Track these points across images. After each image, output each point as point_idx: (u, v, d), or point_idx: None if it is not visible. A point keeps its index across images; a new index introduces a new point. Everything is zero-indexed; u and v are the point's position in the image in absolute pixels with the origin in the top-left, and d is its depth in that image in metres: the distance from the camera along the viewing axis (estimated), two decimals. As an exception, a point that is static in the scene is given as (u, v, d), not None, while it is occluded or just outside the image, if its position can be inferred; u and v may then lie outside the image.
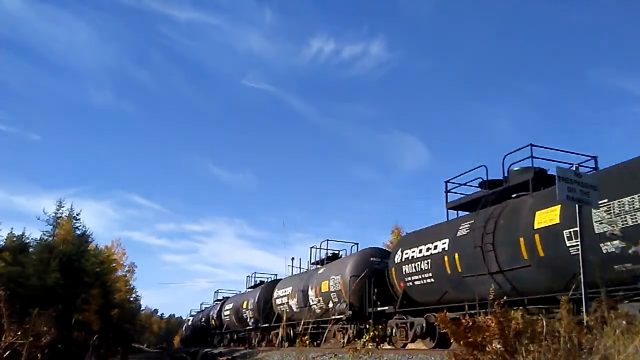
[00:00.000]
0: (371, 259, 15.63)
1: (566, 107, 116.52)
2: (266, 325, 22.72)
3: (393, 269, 13.32)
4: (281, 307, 20.72)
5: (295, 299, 19.44)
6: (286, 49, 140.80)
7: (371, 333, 11.95)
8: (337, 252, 19.62)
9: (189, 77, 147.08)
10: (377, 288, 14.26)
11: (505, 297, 5.48)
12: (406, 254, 12.81)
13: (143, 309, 70.10)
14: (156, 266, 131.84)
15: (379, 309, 13.90)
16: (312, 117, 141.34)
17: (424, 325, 11.94)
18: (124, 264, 43.76)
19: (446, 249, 11.24)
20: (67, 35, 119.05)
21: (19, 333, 8.42)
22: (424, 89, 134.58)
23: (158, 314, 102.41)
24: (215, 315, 32.16)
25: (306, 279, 19.02)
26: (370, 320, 14.07)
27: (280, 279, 23.53)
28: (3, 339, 8.22)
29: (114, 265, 35.89)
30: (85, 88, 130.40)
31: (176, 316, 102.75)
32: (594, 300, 5.34)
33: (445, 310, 6.95)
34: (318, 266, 19.46)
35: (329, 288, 16.55)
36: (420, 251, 12.23)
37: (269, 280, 26.41)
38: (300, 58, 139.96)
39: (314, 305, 17.66)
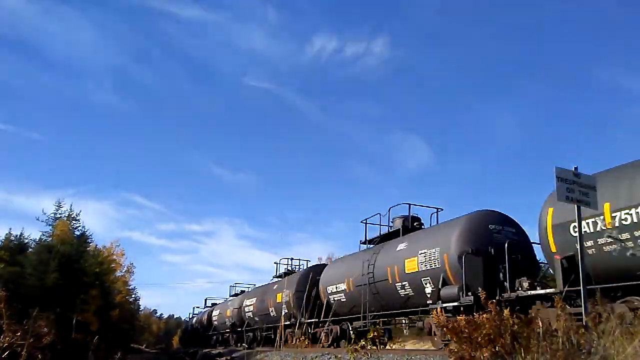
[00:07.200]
0: (312, 275, 18.91)
1: (571, 106, 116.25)
2: (240, 328, 26.74)
3: (321, 286, 17.29)
4: (248, 314, 24.77)
5: (257, 308, 23.53)
6: (288, 47, 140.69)
7: (371, 334, 12.12)
8: (296, 266, 24.17)
9: (191, 75, 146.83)
10: (318, 300, 17.85)
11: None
12: (329, 276, 16.80)
13: (142, 309, 70.11)
14: (156, 266, 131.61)
15: (305, 320, 17.44)
16: (314, 116, 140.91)
17: (339, 331, 15.72)
18: (123, 264, 43.68)
19: (351, 276, 15.18)
20: (68, 32, 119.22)
21: (19, 334, 8.39)
22: (427, 88, 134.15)
23: (157, 314, 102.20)
24: (207, 318, 36.11)
25: (265, 292, 22.76)
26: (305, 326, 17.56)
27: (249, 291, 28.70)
28: (2, 340, 8.19)
29: (112, 265, 35.87)
30: (86, 86, 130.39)
31: (175, 317, 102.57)
32: (590, 300, 5.32)
33: (442, 310, 9.15)
34: (276, 280, 23.16)
35: (281, 300, 20.25)
36: (338, 275, 16.26)
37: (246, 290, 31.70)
38: (302, 56, 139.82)
39: (271, 313, 21.41)
